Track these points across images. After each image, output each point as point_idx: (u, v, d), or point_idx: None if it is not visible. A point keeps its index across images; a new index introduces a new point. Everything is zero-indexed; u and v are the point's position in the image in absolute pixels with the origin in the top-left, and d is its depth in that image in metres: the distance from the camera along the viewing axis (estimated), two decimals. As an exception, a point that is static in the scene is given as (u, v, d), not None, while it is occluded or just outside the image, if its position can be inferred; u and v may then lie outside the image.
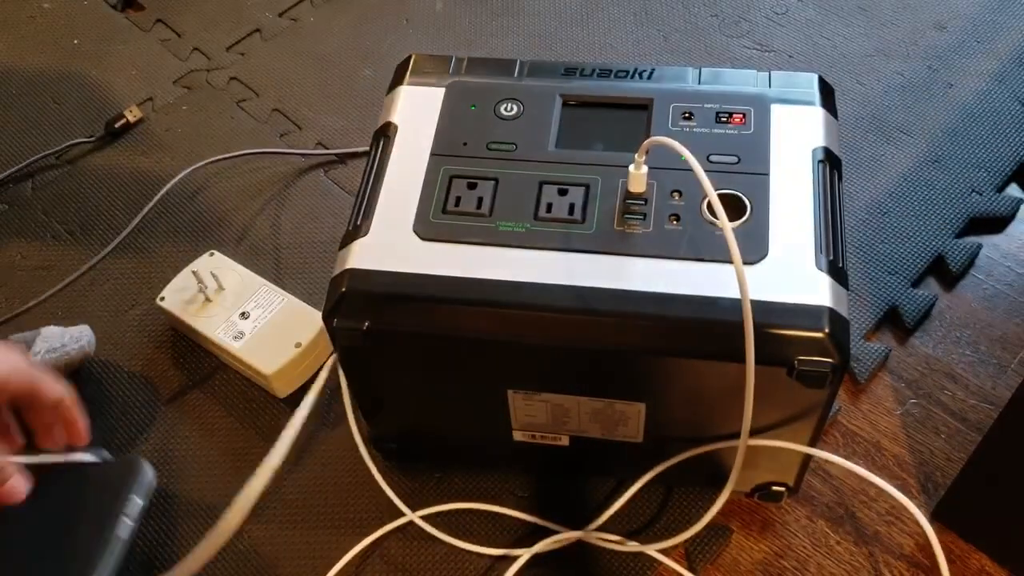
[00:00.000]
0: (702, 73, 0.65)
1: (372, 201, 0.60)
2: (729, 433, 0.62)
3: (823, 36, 1.03)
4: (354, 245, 0.59)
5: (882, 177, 0.90)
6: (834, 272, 0.56)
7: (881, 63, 1.00)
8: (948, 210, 0.87)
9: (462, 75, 0.66)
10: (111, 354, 0.83)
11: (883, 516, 0.71)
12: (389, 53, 1.05)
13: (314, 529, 0.72)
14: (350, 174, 0.94)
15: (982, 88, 0.96)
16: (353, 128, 0.98)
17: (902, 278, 0.83)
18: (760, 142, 0.61)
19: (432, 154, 0.62)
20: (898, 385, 0.77)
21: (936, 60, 0.99)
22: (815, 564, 0.69)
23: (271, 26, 1.09)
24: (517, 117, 0.63)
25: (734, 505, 0.71)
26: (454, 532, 0.70)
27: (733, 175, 0.59)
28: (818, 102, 0.63)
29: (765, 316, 0.53)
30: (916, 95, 0.96)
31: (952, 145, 0.92)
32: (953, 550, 0.69)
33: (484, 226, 0.58)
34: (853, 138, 0.93)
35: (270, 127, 0.98)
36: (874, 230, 0.86)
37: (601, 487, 0.72)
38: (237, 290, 0.80)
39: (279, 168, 0.95)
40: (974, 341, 0.79)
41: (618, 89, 0.65)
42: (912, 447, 0.74)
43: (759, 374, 0.53)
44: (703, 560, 0.69)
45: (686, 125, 0.62)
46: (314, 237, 0.90)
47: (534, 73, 0.66)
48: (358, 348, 0.58)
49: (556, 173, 0.60)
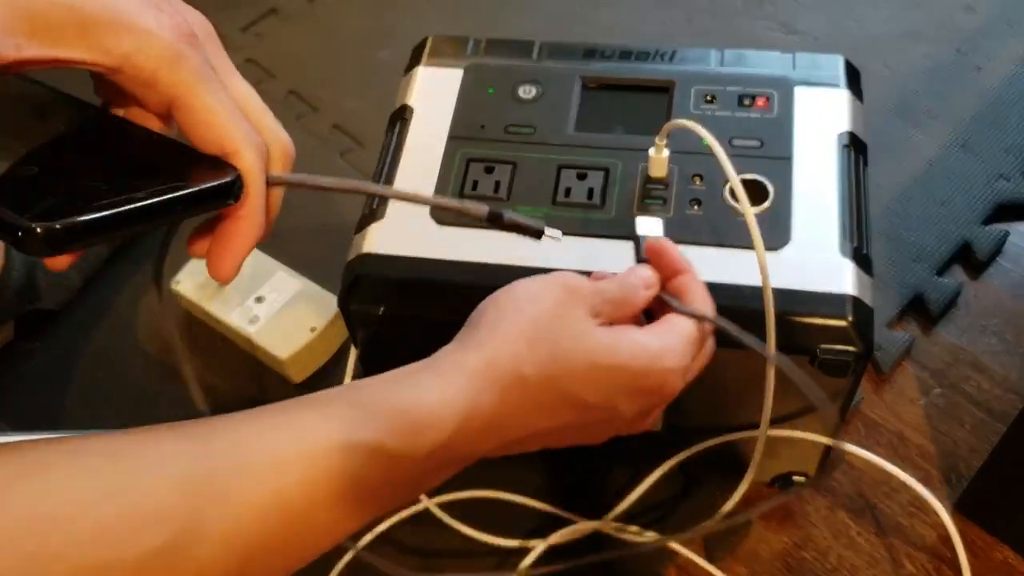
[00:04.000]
0: (725, 55, 0.64)
1: (389, 184, 0.60)
2: (749, 422, 0.61)
3: (849, 18, 1.01)
4: (370, 229, 0.58)
5: (908, 162, 0.88)
6: (858, 259, 0.54)
7: (908, 45, 0.98)
8: (975, 196, 0.85)
9: (480, 57, 0.65)
10: (126, 338, 0.82)
11: (905, 508, 0.70)
12: (406, 34, 1.03)
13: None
14: (367, 157, 0.93)
15: (1011, 72, 0.94)
16: (370, 110, 0.97)
17: (927, 266, 0.81)
18: (783, 126, 0.59)
19: (449, 137, 0.61)
20: (922, 375, 0.76)
21: (965, 43, 0.97)
22: (836, 555, 0.68)
23: (287, 7, 1.08)
24: (536, 100, 0.62)
25: (754, 495, 0.71)
26: (470, 520, 0.70)
27: (756, 159, 0.58)
28: (843, 85, 0.62)
29: (787, 303, 0.52)
30: (944, 79, 0.94)
31: (980, 130, 0.90)
32: (976, 542, 0.68)
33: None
34: (879, 122, 0.91)
35: (286, 109, 0.97)
36: (899, 217, 0.84)
37: (619, 476, 0.72)
38: (252, 274, 0.80)
39: (296, 151, 0.94)
40: (1000, 330, 0.78)
41: (639, 71, 0.64)
42: (936, 438, 0.73)
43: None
44: (722, 550, 0.68)
45: (708, 108, 0.61)
46: (330, 221, 0.89)
47: (553, 55, 0.65)
48: (373, 333, 0.58)
49: (575, 157, 0.59)
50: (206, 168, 0.39)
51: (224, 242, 0.40)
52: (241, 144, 0.39)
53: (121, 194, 0.36)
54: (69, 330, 0.83)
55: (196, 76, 0.38)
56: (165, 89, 0.38)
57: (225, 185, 0.39)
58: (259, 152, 0.39)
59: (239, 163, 0.39)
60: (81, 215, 0.34)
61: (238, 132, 0.39)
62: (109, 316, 0.84)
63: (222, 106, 0.39)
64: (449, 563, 0.69)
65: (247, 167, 0.39)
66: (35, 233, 0.33)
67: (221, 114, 0.38)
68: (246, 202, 0.39)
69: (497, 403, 0.41)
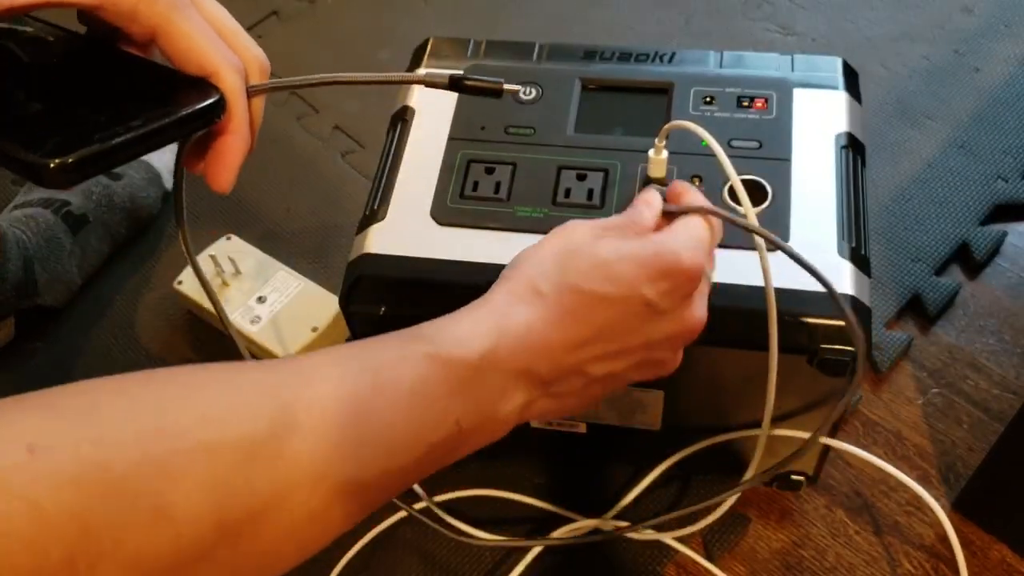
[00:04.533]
0: (724, 57, 0.64)
1: (389, 185, 0.60)
2: (747, 421, 0.61)
3: (847, 19, 1.01)
4: (371, 230, 0.58)
5: (906, 163, 0.89)
6: (856, 259, 0.55)
7: (906, 47, 0.98)
8: (973, 197, 0.86)
9: (480, 58, 0.66)
10: (129, 337, 0.83)
11: (903, 506, 0.70)
12: (406, 36, 1.04)
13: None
14: (367, 158, 0.94)
15: (1009, 73, 0.94)
16: (370, 111, 0.97)
17: (925, 266, 0.82)
18: (782, 127, 0.60)
19: (450, 138, 0.61)
20: (920, 374, 0.76)
21: (962, 44, 0.98)
22: (834, 554, 0.68)
23: (288, 8, 1.09)
24: (536, 101, 0.63)
25: (752, 494, 0.71)
26: (470, 518, 0.70)
27: (754, 160, 0.58)
28: (842, 86, 0.62)
29: (786, 303, 0.52)
30: (942, 80, 0.95)
31: (978, 131, 0.90)
32: (974, 541, 0.68)
33: (502, 211, 0.58)
34: (877, 123, 0.91)
35: (287, 110, 0.98)
36: (897, 217, 0.85)
37: (618, 475, 0.72)
38: (254, 274, 0.80)
39: (297, 152, 0.94)
40: (998, 330, 0.78)
41: (638, 73, 0.64)
42: (933, 437, 0.73)
43: (779, 362, 0.52)
44: (721, 549, 0.69)
45: (707, 109, 0.61)
46: (331, 221, 0.89)
47: (553, 56, 0.65)
48: (375, 333, 0.58)
49: (575, 158, 0.60)
50: (191, 90, 0.43)
51: (218, 157, 0.44)
52: (220, 65, 0.43)
53: (120, 124, 0.40)
54: (70, 329, 0.84)
55: (172, 6, 0.42)
56: (145, 20, 0.42)
57: (210, 106, 0.43)
58: (237, 70, 0.44)
59: (220, 83, 0.43)
60: (88, 147, 0.38)
61: (216, 54, 0.43)
62: (110, 315, 0.84)
63: (199, 32, 0.43)
64: (452, 558, 0.69)
65: (228, 86, 0.43)
66: (51, 169, 0.37)
67: (199, 39, 0.43)
68: (232, 118, 0.44)
69: (524, 318, 0.42)
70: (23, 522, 0.27)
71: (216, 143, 0.44)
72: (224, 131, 0.44)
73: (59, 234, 0.82)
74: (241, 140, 0.44)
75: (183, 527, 0.31)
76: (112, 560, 0.29)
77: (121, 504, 0.30)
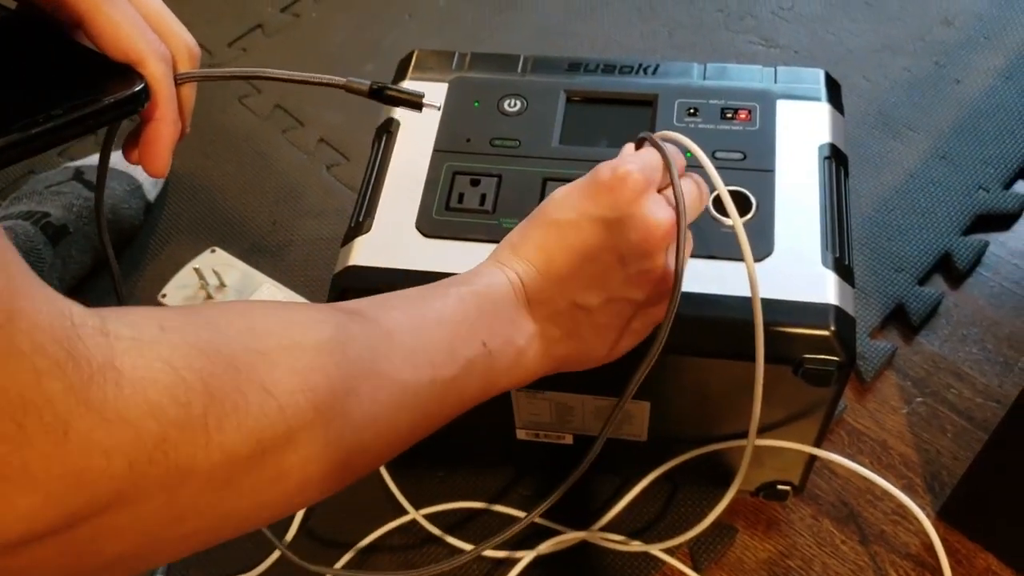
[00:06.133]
0: (707, 69, 0.65)
1: (374, 198, 0.60)
2: (734, 432, 0.62)
3: (829, 32, 1.02)
4: (356, 242, 0.58)
5: (888, 174, 0.89)
6: (840, 269, 0.55)
7: (888, 59, 0.99)
8: (955, 207, 0.86)
9: (465, 71, 0.66)
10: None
11: (889, 515, 0.70)
12: (392, 48, 1.04)
13: (316, 525, 0.71)
14: (353, 171, 0.94)
15: (989, 84, 0.95)
16: (355, 124, 0.97)
17: (908, 276, 0.82)
18: (766, 138, 0.60)
19: (435, 150, 0.61)
20: (904, 384, 0.77)
21: (943, 56, 0.99)
22: (820, 564, 0.68)
23: (273, 21, 1.09)
24: (521, 113, 0.63)
25: (739, 504, 0.71)
26: (457, 531, 0.70)
27: (738, 172, 0.58)
28: (824, 98, 0.62)
29: (770, 314, 0.52)
30: (923, 91, 0.96)
31: (959, 142, 0.91)
32: (959, 550, 0.68)
33: (487, 223, 0.58)
34: (859, 134, 0.92)
35: (272, 123, 0.98)
36: (880, 227, 0.85)
37: (605, 487, 0.72)
38: (239, 287, 0.80)
39: (282, 165, 0.94)
40: (981, 339, 0.79)
41: (623, 85, 0.64)
42: (918, 446, 0.74)
43: (764, 372, 0.52)
44: (708, 559, 0.69)
45: (691, 121, 0.61)
46: (316, 234, 0.89)
47: (538, 69, 0.66)
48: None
49: (560, 170, 0.60)
50: (115, 78, 0.43)
51: (149, 145, 0.46)
52: (145, 54, 0.43)
53: (41, 112, 0.39)
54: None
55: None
56: (72, 6, 0.42)
57: (132, 96, 0.43)
58: (163, 59, 0.44)
59: (145, 71, 0.43)
60: (7, 137, 0.38)
61: (141, 42, 0.43)
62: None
63: (126, 20, 0.43)
64: (438, 572, 0.69)
65: (152, 74, 0.44)
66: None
67: (125, 27, 0.43)
68: (158, 105, 0.44)
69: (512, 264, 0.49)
70: (169, 380, 0.31)
71: (147, 131, 0.46)
72: (151, 118, 0.45)
73: (39, 245, 0.81)
74: (169, 127, 0.46)
75: (284, 400, 0.35)
76: (231, 422, 0.33)
77: (237, 378, 0.34)
